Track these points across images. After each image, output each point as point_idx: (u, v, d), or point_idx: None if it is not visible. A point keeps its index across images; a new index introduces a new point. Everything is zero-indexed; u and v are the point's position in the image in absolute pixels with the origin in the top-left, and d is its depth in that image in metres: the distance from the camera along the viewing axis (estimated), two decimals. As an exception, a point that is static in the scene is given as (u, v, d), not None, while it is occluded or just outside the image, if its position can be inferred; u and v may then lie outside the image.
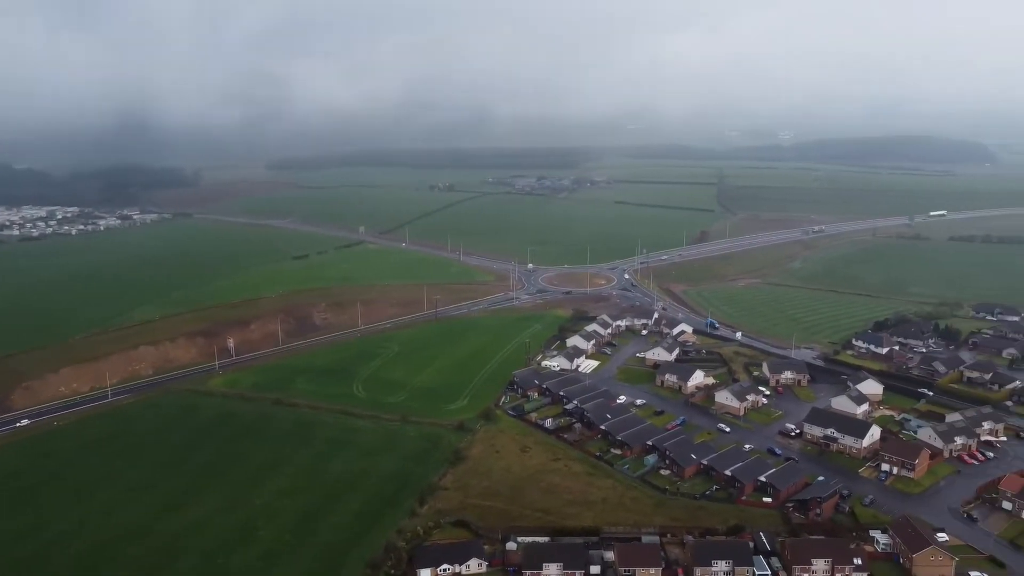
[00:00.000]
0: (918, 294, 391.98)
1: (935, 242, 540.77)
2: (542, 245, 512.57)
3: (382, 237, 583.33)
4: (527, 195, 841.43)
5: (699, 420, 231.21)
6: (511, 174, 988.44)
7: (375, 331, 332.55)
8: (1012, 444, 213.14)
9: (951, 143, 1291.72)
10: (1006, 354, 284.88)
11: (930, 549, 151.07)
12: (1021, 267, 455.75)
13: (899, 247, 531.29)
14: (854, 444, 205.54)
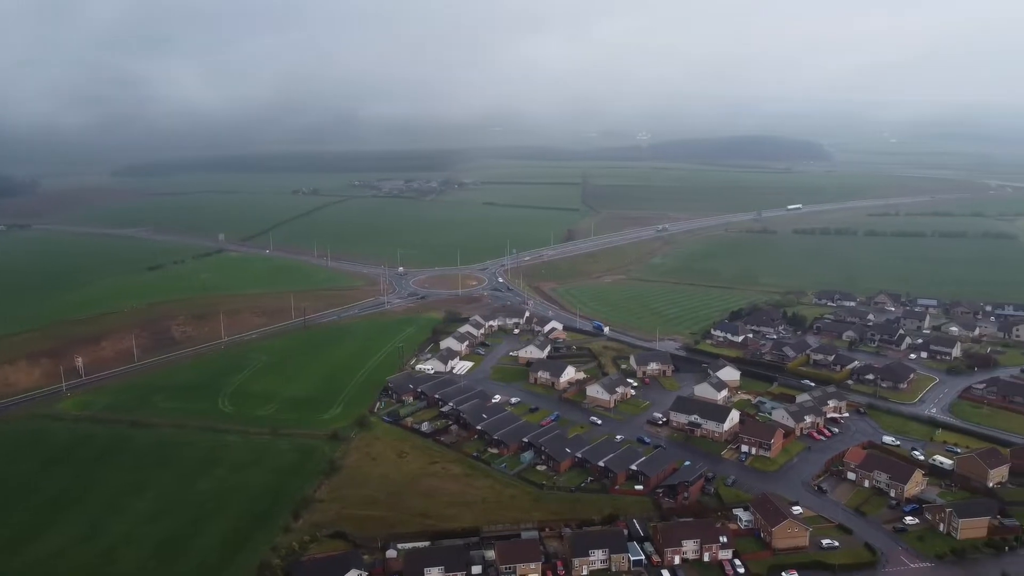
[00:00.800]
0: (768, 284, 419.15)
1: (781, 235, 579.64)
2: (412, 248, 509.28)
3: (244, 244, 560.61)
4: (395, 198, 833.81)
5: (572, 415, 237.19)
6: (378, 177, 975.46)
7: (240, 343, 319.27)
8: (854, 419, 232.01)
9: (792, 142, 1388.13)
10: (846, 336, 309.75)
11: (787, 522, 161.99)
12: (855, 256, 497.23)
13: (749, 241, 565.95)
14: (716, 428, 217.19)
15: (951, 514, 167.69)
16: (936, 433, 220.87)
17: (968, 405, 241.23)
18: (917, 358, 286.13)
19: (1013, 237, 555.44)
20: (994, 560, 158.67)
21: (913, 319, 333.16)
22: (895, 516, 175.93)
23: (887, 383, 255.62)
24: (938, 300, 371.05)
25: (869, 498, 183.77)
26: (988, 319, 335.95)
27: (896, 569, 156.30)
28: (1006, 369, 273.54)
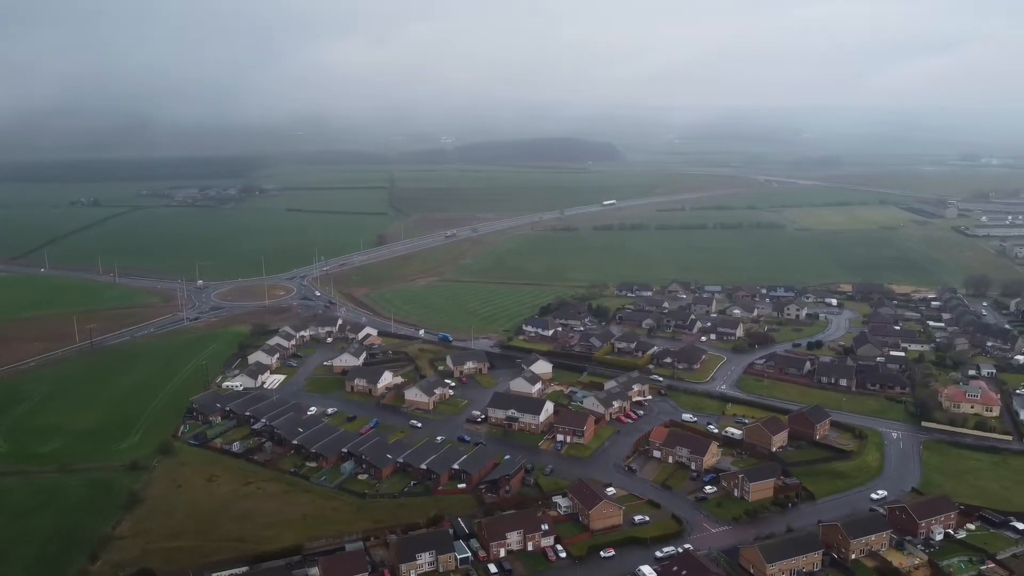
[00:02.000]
0: (573, 279, 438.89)
1: (583, 231, 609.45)
2: (212, 259, 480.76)
3: (14, 264, 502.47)
4: (189, 207, 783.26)
5: (392, 420, 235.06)
6: (169, 185, 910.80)
7: (14, 373, 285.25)
8: (656, 401, 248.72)
9: (589, 144, 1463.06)
10: (645, 324, 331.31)
11: (602, 504, 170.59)
12: (649, 249, 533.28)
13: (554, 238, 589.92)
14: (532, 421, 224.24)
15: (743, 479, 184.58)
16: (727, 407, 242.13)
17: (752, 379, 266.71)
18: (707, 340, 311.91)
19: (782, 227, 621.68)
20: (780, 517, 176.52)
21: (702, 304, 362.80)
22: (697, 487, 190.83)
23: (683, 365, 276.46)
24: (722, 286, 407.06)
25: (673, 472, 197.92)
26: (764, 301, 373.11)
27: (700, 535, 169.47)
28: (781, 345, 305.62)
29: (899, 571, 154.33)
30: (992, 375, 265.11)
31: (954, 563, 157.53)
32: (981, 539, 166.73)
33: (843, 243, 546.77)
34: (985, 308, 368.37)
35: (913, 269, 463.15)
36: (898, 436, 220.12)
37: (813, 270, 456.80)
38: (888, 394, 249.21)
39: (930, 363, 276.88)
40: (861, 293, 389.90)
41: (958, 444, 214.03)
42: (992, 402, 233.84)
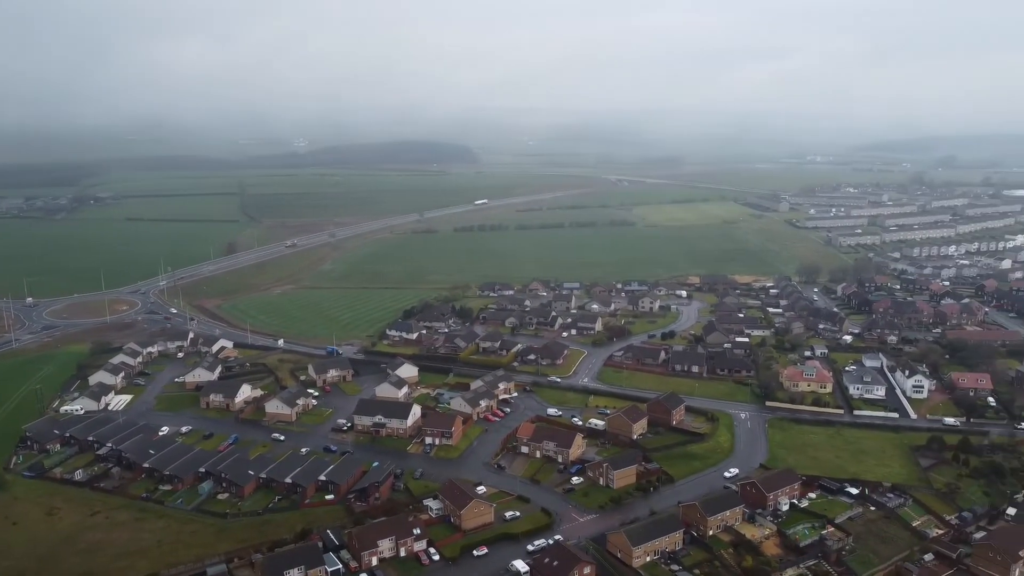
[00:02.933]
0: (436, 281, 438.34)
1: (443, 233, 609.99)
2: (43, 275, 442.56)
3: None
4: (14, 218, 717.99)
5: (253, 434, 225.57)
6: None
7: None
8: (522, 397, 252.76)
9: (446, 146, 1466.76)
10: (508, 323, 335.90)
11: (473, 503, 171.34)
12: (509, 249, 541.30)
13: (415, 241, 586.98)
14: (400, 426, 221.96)
15: (607, 468, 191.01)
16: (590, 399, 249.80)
17: (612, 371, 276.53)
18: (568, 335, 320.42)
19: (633, 224, 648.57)
20: (643, 501, 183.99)
21: (562, 301, 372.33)
22: (564, 479, 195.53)
23: (546, 361, 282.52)
24: (580, 283, 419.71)
25: (541, 467, 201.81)
26: (620, 295, 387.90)
27: (569, 526, 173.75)
28: (637, 337, 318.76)
29: (751, 542, 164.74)
30: (825, 355, 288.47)
31: (799, 530, 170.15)
32: (821, 506, 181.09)
33: (689, 237, 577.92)
34: (816, 293, 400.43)
35: (753, 260, 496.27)
36: (746, 416, 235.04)
37: (664, 264, 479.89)
38: (736, 378, 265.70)
39: (771, 347, 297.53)
40: (708, 284, 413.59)
41: (798, 420, 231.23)
42: (825, 380, 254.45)
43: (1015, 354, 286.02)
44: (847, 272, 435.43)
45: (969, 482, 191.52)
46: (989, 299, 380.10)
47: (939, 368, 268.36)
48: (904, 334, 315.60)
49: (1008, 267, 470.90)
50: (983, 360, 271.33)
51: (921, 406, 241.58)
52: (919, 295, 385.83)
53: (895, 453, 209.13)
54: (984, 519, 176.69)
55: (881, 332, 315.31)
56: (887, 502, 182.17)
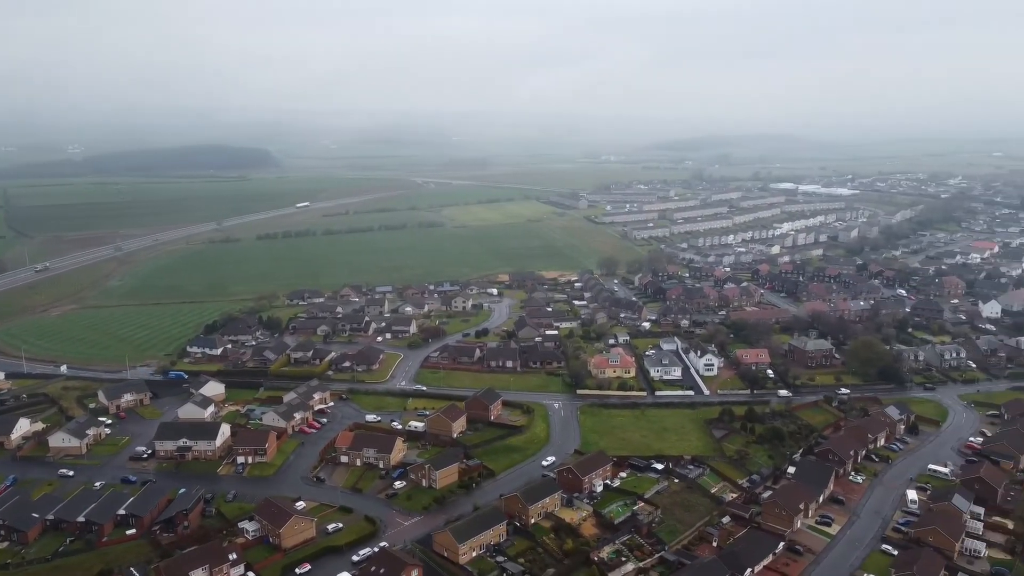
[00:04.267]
0: (239, 292, 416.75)
1: (245, 242, 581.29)
2: None
3: None
4: None
5: (35, 473, 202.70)
6: None
7: None
8: (339, 406, 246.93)
9: (244, 151, 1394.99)
10: (320, 331, 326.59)
11: (292, 520, 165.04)
12: (317, 255, 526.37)
13: (214, 251, 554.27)
14: (208, 447, 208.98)
15: (429, 469, 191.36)
16: (408, 402, 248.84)
17: (429, 372, 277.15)
18: (383, 340, 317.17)
19: (442, 225, 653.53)
20: (467, 498, 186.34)
21: (375, 306, 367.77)
22: (386, 484, 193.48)
23: (362, 367, 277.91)
24: (392, 286, 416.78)
25: (363, 474, 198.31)
26: (433, 296, 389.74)
27: (394, 531, 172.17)
28: (452, 336, 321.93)
29: (570, 525, 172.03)
30: (627, 342, 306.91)
31: (613, 508, 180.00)
32: (632, 483, 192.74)
33: (497, 236, 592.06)
34: (616, 285, 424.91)
35: (557, 256, 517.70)
36: (559, 406, 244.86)
37: (474, 263, 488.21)
38: (548, 369, 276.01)
39: (579, 338, 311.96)
40: (517, 281, 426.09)
41: (607, 405, 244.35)
42: (629, 365, 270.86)
43: (787, 330, 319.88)
44: (643, 263, 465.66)
45: (756, 448, 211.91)
46: (763, 282, 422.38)
47: (725, 347, 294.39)
48: (694, 318, 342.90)
49: (777, 252, 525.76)
50: (761, 337, 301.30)
51: (712, 383, 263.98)
52: (705, 281, 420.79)
53: (693, 428, 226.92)
54: (769, 479, 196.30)
55: (675, 317, 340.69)
56: (688, 473, 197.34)
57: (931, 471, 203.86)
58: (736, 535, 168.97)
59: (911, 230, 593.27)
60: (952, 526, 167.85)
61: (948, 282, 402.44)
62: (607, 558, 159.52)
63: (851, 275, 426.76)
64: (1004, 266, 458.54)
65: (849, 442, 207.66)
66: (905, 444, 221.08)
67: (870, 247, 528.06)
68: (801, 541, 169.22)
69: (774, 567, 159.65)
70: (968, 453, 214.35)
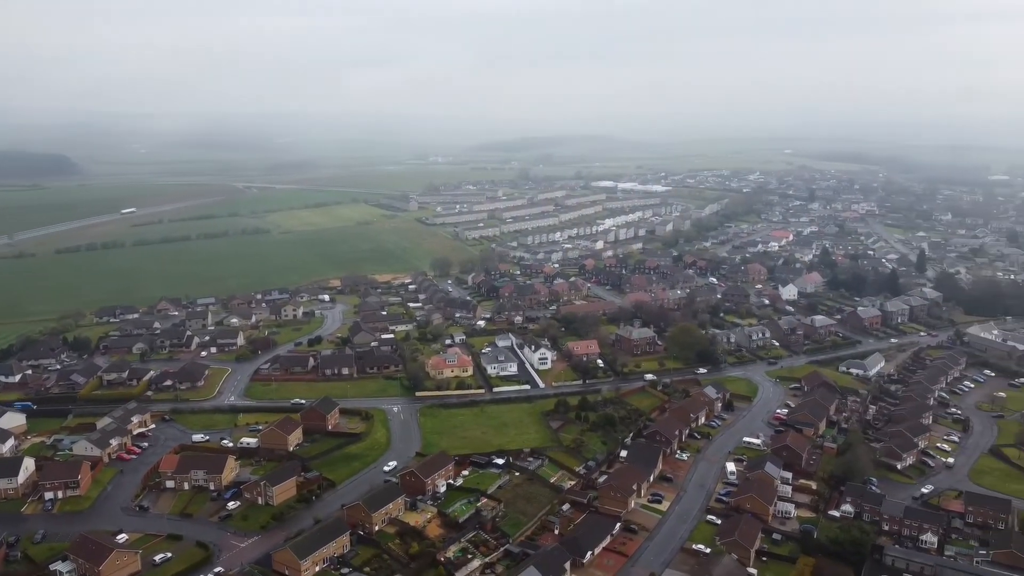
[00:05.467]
0: (38, 313, 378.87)
1: (42, 257, 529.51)
2: None
3: None
4: None
5: None
6: None
7: None
8: (161, 428, 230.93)
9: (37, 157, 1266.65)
10: (136, 349, 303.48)
11: (113, 555, 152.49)
12: (128, 268, 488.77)
13: (4, 267, 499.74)
14: (8, 485, 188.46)
15: (265, 486, 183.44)
16: (239, 418, 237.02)
17: (260, 385, 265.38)
18: (208, 354, 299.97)
19: (267, 231, 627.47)
20: (307, 512, 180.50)
21: (197, 319, 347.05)
22: (219, 506, 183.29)
23: (186, 385, 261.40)
24: (215, 297, 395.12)
25: (192, 498, 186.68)
26: (261, 306, 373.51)
27: (230, 554, 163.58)
28: (284, 346, 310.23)
29: (415, 528, 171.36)
30: (463, 341, 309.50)
31: (457, 507, 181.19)
32: (475, 480, 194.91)
33: (326, 241, 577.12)
34: (450, 285, 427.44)
35: (390, 258, 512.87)
36: (398, 410, 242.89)
37: (303, 270, 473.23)
38: (385, 373, 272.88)
39: (415, 340, 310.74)
40: (349, 286, 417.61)
41: (446, 405, 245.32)
42: (466, 364, 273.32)
43: (613, 321, 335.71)
44: (475, 263, 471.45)
45: (590, 435, 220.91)
46: (590, 276, 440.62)
47: (557, 340, 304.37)
48: (527, 313, 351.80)
49: (601, 247, 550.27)
50: (590, 329, 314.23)
51: (547, 376, 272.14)
52: (536, 278, 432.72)
53: (531, 421, 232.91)
54: (604, 464, 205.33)
55: (508, 314, 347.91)
56: (528, 466, 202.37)
57: (746, 443, 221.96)
58: (576, 521, 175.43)
59: (719, 222, 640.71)
60: (766, 492, 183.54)
61: (752, 269, 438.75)
62: (453, 557, 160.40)
63: (668, 266, 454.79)
64: (798, 252, 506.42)
65: (674, 423, 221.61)
66: (722, 420, 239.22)
67: (684, 239, 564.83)
68: (636, 520, 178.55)
69: (612, 547, 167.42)
70: (776, 424, 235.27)
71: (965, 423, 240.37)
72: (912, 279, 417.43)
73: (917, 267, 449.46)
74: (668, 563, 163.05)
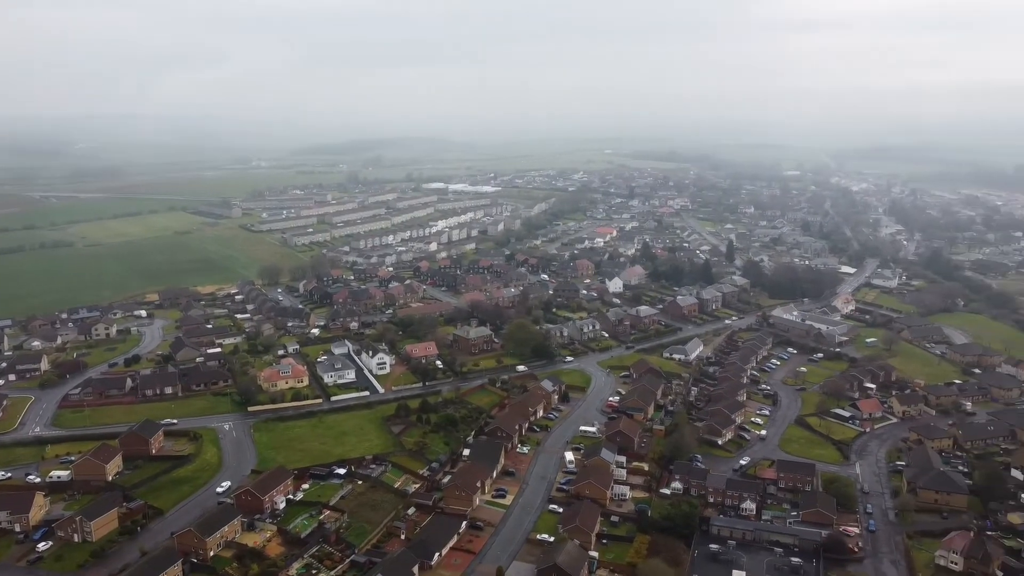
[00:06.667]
0: None
1: None
2: None
3: None
4: None
5: None
6: None
7: None
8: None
9: None
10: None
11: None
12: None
13: None
14: None
15: (81, 520, 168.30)
16: (47, 450, 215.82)
17: (70, 412, 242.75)
18: (6, 382, 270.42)
19: (71, 244, 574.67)
20: (132, 543, 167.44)
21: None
22: (27, 549, 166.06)
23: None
24: (12, 319, 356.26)
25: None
26: (68, 326, 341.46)
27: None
28: (96, 368, 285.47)
29: (255, 549, 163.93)
30: (297, 351, 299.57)
31: (298, 523, 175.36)
32: (316, 493, 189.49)
33: (140, 253, 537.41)
34: (280, 293, 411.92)
35: (213, 269, 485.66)
36: (230, 427, 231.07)
37: (115, 285, 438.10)
38: (214, 390, 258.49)
39: (245, 352, 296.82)
40: (169, 300, 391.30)
41: (282, 418, 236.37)
42: (301, 374, 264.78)
43: (450, 321, 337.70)
44: (306, 269, 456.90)
45: (433, 437, 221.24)
46: (425, 278, 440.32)
47: (395, 344, 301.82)
48: (363, 319, 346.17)
49: (435, 249, 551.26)
50: (428, 331, 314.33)
51: (386, 380, 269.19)
52: (371, 282, 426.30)
53: (371, 427, 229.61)
54: (448, 464, 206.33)
55: (344, 320, 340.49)
56: (371, 473, 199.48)
57: (582, 432, 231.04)
58: (422, 523, 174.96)
59: (547, 221, 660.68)
60: (602, 477, 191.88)
61: (581, 265, 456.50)
62: (296, 574, 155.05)
63: (502, 265, 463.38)
64: (622, 247, 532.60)
65: (514, 418, 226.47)
66: (560, 412, 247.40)
67: (515, 238, 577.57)
68: (481, 517, 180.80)
69: (459, 546, 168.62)
70: (609, 411, 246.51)
71: (774, 398, 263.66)
72: (723, 268, 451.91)
73: (727, 257, 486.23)
74: (515, 555, 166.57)
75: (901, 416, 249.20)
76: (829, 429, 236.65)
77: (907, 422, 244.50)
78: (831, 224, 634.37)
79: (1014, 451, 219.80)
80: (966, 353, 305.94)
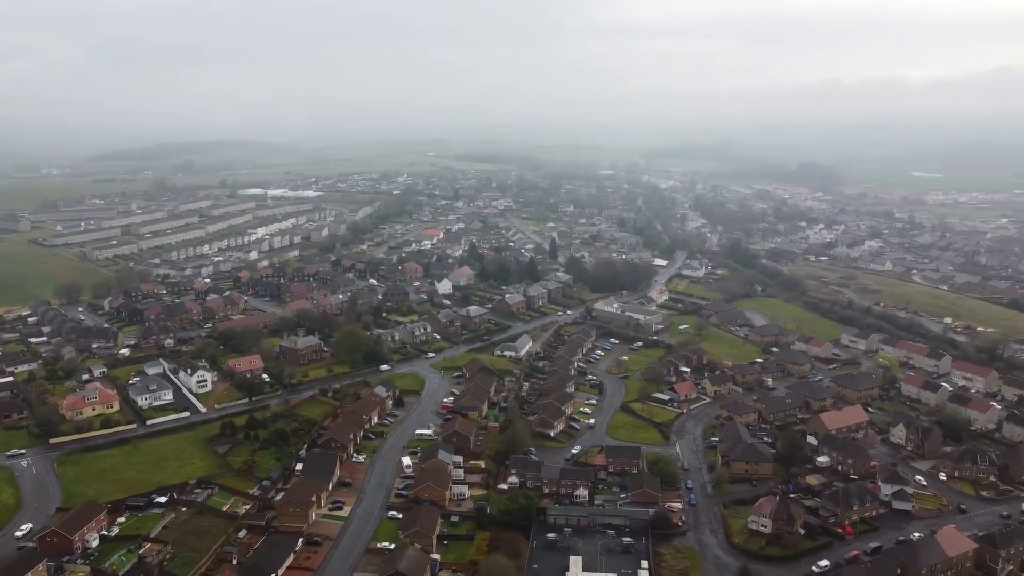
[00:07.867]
0: None
1: None
2: None
3: None
4: None
5: None
6: None
7: None
8: None
9: None
10: None
11: None
12: None
13: None
14: None
15: None
16: None
17: None
18: None
19: None
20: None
21: None
22: None
23: None
24: None
25: None
26: None
27: None
28: None
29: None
30: (105, 374, 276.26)
31: (115, 560, 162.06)
32: (134, 526, 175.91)
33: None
34: (82, 312, 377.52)
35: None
36: (28, 464, 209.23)
37: None
38: (7, 423, 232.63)
39: (42, 379, 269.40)
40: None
41: (91, 448, 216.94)
42: (111, 399, 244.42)
43: (276, 332, 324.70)
44: (111, 285, 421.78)
45: (263, 454, 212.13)
46: (246, 288, 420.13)
47: (217, 359, 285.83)
48: (179, 335, 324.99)
49: (256, 257, 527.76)
50: (252, 343, 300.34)
51: (208, 399, 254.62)
52: (186, 295, 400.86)
53: (194, 450, 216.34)
54: (280, 481, 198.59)
55: (157, 338, 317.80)
56: (196, 498, 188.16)
57: (419, 435, 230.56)
58: (255, 545, 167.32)
59: (373, 224, 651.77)
60: (440, 479, 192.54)
61: (409, 268, 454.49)
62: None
63: (328, 271, 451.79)
64: (449, 248, 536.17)
65: (347, 427, 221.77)
66: (394, 417, 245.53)
67: (341, 243, 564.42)
68: (318, 531, 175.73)
69: (297, 564, 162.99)
70: (444, 412, 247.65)
71: (600, 387, 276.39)
72: (547, 265, 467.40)
73: (550, 255, 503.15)
74: (355, 567, 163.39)
75: (713, 396, 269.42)
76: (651, 413, 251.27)
77: (718, 401, 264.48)
78: (644, 220, 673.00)
79: (808, 419, 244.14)
80: (765, 334, 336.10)
